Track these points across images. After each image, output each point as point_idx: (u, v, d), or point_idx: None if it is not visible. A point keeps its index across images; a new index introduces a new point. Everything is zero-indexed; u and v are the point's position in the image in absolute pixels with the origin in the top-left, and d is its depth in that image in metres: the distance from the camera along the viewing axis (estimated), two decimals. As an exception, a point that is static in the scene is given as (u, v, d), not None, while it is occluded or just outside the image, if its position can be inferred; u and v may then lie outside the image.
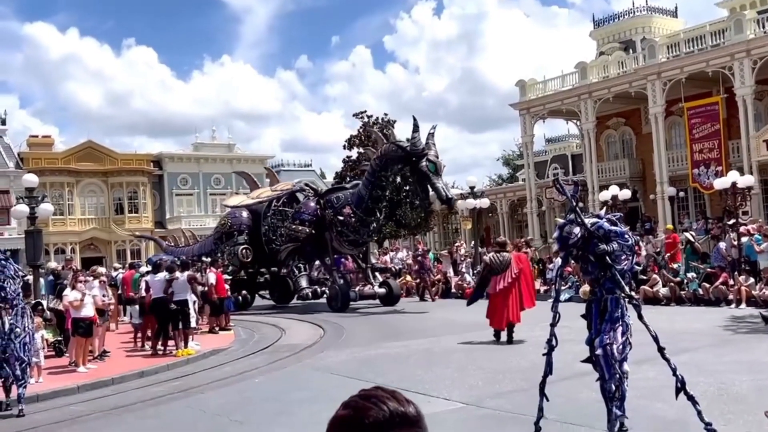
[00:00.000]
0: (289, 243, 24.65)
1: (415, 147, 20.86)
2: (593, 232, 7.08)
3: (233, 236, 26.11)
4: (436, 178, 20.61)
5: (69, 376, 12.83)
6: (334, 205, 23.65)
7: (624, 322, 7.16)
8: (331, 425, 1.36)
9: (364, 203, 22.58)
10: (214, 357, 14.86)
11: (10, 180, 46.34)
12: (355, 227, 22.93)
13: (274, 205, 25.64)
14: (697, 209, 34.55)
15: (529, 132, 39.73)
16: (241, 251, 25.35)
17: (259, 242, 25.61)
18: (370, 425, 1.31)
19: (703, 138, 31.98)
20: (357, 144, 44.37)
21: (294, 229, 24.37)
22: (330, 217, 23.46)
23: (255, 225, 26.14)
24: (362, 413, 1.33)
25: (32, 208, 19.27)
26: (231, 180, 59.01)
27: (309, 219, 24.21)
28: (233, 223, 26.59)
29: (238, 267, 25.67)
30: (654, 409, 7.97)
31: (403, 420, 1.33)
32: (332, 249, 24.06)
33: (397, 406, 1.34)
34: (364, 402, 1.35)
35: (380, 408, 1.33)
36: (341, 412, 1.37)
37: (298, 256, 24.99)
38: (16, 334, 10.36)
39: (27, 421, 9.86)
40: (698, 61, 31.28)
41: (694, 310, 17.89)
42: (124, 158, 54.12)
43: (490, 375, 10.83)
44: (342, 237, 23.31)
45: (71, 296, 13.44)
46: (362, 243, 24.08)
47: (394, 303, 23.51)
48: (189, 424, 9.03)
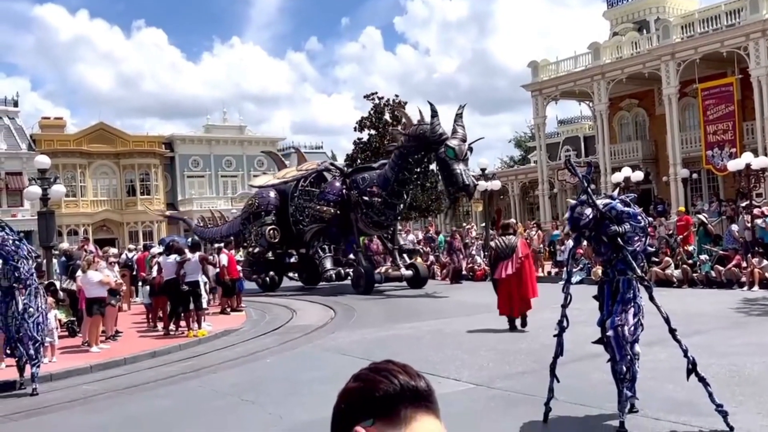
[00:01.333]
0: (314, 224, 24.23)
1: (433, 133, 20.37)
2: (605, 213, 7.04)
3: (260, 216, 25.69)
4: (456, 163, 19.88)
5: (82, 355, 12.94)
6: (360, 185, 23.21)
7: (636, 304, 7.13)
8: (340, 397, 1.35)
9: (389, 185, 22.08)
10: (225, 337, 14.95)
11: (22, 162, 46.57)
12: (380, 209, 22.50)
13: (302, 185, 25.13)
14: (711, 191, 34.33)
15: (541, 113, 39.50)
16: (269, 231, 25.04)
17: (286, 223, 25.22)
18: (380, 398, 1.29)
19: (717, 119, 31.72)
20: (368, 126, 44.16)
21: (319, 209, 23.98)
22: (355, 198, 23.07)
23: (283, 205, 25.66)
24: (372, 386, 1.31)
25: (45, 189, 19.36)
26: (242, 162, 59.12)
27: (334, 199, 23.82)
28: (260, 203, 26.10)
29: (265, 247, 25.38)
30: (665, 390, 7.95)
31: (414, 394, 1.31)
32: (357, 230, 23.67)
33: (408, 380, 1.32)
34: (375, 375, 1.33)
35: (391, 381, 1.31)
36: (351, 384, 1.35)
37: (324, 237, 24.46)
38: (29, 313, 10.45)
39: (40, 399, 9.95)
40: (713, 41, 30.96)
41: (707, 293, 17.82)
42: (135, 140, 54.29)
43: (500, 356, 10.83)
44: (367, 218, 22.89)
45: (95, 277, 13.51)
46: (387, 225, 23.60)
47: (421, 285, 23.05)
48: (201, 404, 9.10)
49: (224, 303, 19.20)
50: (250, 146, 59.88)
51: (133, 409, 9.16)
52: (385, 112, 43.17)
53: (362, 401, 1.30)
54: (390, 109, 43.18)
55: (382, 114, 42.88)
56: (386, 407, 1.29)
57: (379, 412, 1.28)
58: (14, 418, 9.05)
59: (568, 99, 41.86)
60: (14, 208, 46.27)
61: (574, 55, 38.46)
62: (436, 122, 20.51)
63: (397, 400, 1.29)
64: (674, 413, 7.07)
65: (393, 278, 23.75)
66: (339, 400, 1.35)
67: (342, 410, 1.33)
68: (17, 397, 10.18)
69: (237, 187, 58.10)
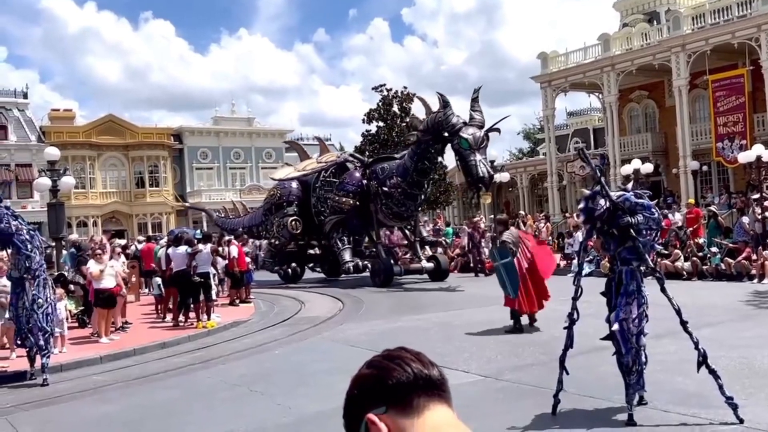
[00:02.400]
0: (334, 215, 23.74)
1: (447, 123, 19.76)
2: (618, 204, 7.00)
3: (283, 207, 25.24)
4: (471, 154, 19.10)
5: (92, 346, 13.00)
6: (379, 176, 22.64)
7: (640, 296, 7.10)
8: (353, 383, 1.34)
9: (409, 175, 21.46)
10: (234, 329, 14.99)
11: (32, 153, 46.78)
12: (399, 199, 21.93)
13: (323, 176, 24.62)
14: (721, 183, 34.16)
15: (550, 105, 39.36)
16: (291, 222, 24.60)
17: (309, 214, 24.73)
18: (393, 386, 1.29)
19: (728, 111, 31.53)
20: (376, 118, 44.15)
21: (338, 200, 23.52)
22: (374, 189, 22.55)
23: (305, 196, 25.12)
24: (385, 373, 1.30)
25: (54, 181, 19.43)
26: (251, 154, 59.19)
27: (353, 190, 23.32)
28: (282, 194, 25.61)
29: (287, 239, 25.00)
30: (674, 382, 7.93)
31: (427, 383, 1.30)
32: (377, 221, 23.12)
33: (422, 368, 1.31)
34: (388, 362, 1.32)
35: (404, 369, 1.30)
36: (364, 371, 1.34)
37: (344, 228, 23.90)
38: (38, 304, 10.49)
39: (51, 390, 10.02)
40: (724, 32, 30.74)
41: (716, 285, 17.74)
42: (144, 132, 54.41)
43: (509, 348, 10.83)
44: (387, 209, 22.33)
45: (92, 268, 13.57)
46: (408, 216, 23.01)
47: (443, 278, 22.50)
48: (210, 394, 9.13)
49: (233, 294, 19.25)
50: (259, 138, 59.95)
51: (142, 399, 9.20)
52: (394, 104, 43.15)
53: (375, 388, 1.30)
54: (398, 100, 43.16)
55: (391, 106, 42.87)
56: (399, 395, 1.28)
57: (392, 400, 1.28)
58: (25, 408, 9.11)
59: (578, 91, 41.69)
60: (24, 199, 46.47)
61: (584, 47, 38.28)
62: (449, 112, 19.92)
63: (410, 388, 1.28)
64: (683, 405, 7.06)
65: (413, 271, 23.20)
66: (352, 385, 1.34)
67: (354, 396, 1.33)
68: (28, 388, 10.25)
69: (246, 179, 58.20)
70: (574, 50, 38.96)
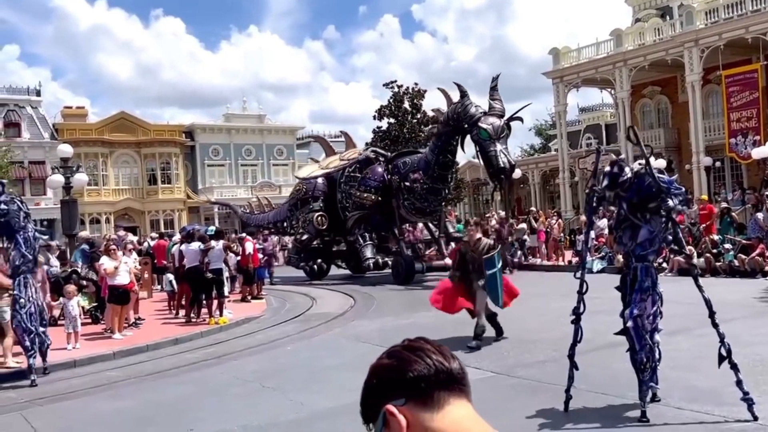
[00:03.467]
0: (356, 210, 23.45)
1: (465, 114, 19.33)
2: (662, 187, 6.89)
3: (308, 203, 25.03)
4: (491, 144, 18.64)
5: (105, 342, 13.09)
6: (401, 170, 22.27)
7: (655, 292, 7.07)
8: (372, 372, 1.33)
9: (430, 169, 21.00)
10: (246, 325, 15.05)
11: (45, 151, 47.07)
12: (422, 194, 21.48)
13: (348, 171, 24.27)
14: (734, 180, 33.94)
15: (562, 101, 39.19)
16: (316, 218, 24.29)
17: (335, 209, 24.44)
18: (414, 379, 1.27)
19: (741, 107, 31.29)
20: (387, 114, 44.07)
21: (359, 195, 23.23)
22: (396, 183, 22.22)
23: (331, 191, 24.79)
24: (406, 365, 1.29)
25: (67, 178, 19.56)
26: (262, 151, 59.31)
27: (375, 185, 23.00)
28: (308, 189, 25.36)
29: (312, 234, 24.60)
30: (688, 379, 7.90)
31: (447, 377, 1.29)
32: (399, 217, 22.75)
33: (443, 361, 1.30)
34: (409, 354, 1.31)
35: (425, 362, 1.29)
36: (385, 360, 1.33)
37: (366, 224, 23.53)
38: (20, 305, 10.28)
39: (65, 385, 10.09)
40: (737, 27, 30.50)
41: (730, 282, 17.63)
42: (156, 129, 54.61)
43: (521, 344, 10.81)
44: (409, 204, 21.91)
45: (106, 264, 13.64)
46: (431, 211, 22.47)
47: None
48: (223, 390, 9.17)
49: (245, 291, 19.32)
50: (270, 135, 60.05)
51: (155, 395, 9.25)
52: (405, 101, 43.06)
53: (395, 379, 1.29)
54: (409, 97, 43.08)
55: (402, 102, 42.78)
56: (419, 389, 1.27)
57: (412, 393, 1.27)
58: (39, 403, 9.17)
59: (590, 86, 41.48)
60: (37, 196, 46.78)
61: (596, 42, 38.08)
62: (468, 102, 19.50)
63: (430, 382, 1.27)
64: (697, 402, 7.02)
65: (437, 268, 22.53)
66: (371, 374, 1.33)
67: (373, 385, 1.32)
68: (43, 384, 10.29)
69: (257, 176, 58.33)
70: (585, 46, 38.76)
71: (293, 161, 60.89)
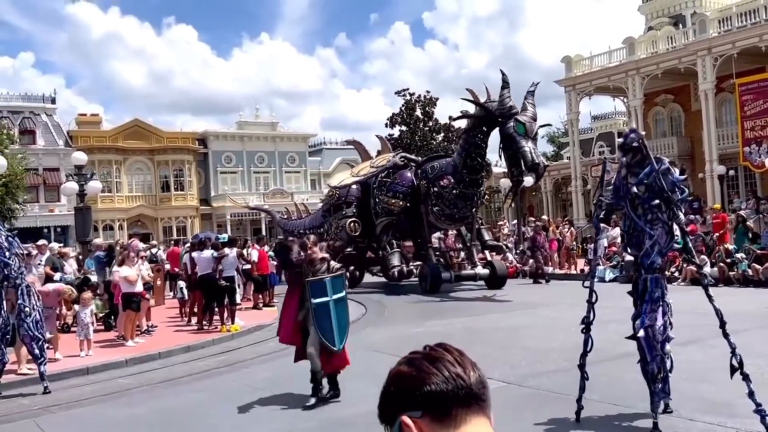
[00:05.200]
0: (384, 217, 22.68)
1: (502, 105, 18.51)
2: (678, 185, 6.96)
3: (341, 209, 24.34)
4: (525, 140, 17.84)
5: (117, 349, 13.15)
6: (429, 175, 21.52)
7: (664, 302, 7.06)
8: (391, 379, 1.31)
9: (458, 173, 20.20)
10: (258, 332, 15.07)
11: (59, 158, 47.45)
12: (450, 200, 20.67)
13: (380, 177, 23.31)
14: (748, 188, 33.73)
15: (574, 109, 39.15)
16: (349, 224, 23.44)
17: (368, 215, 23.54)
18: (431, 394, 1.25)
19: (755, 115, 31.13)
20: (398, 122, 44.24)
21: (387, 201, 22.49)
22: (424, 189, 21.47)
23: (364, 197, 23.93)
24: (425, 377, 1.26)
25: (81, 185, 19.72)
26: (274, 158, 59.55)
27: (403, 191, 22.24)
28: (341, 195, 24.69)
29: (345, 241, 23.49)
30: (700, 390, 7.86)
31: (467, 393, 1.26)
32: (428, 224, 21.85)
33: (462, 375, 1.27)
34: (429, 365, 1.28)
35: (443, 374, 1.26)
36: (404, 368, 1.30)
37: (395, 231, 22.78)
38: (26, 313, 10.18)
39: (77, 392, 10.14)
40: (751, 35, 30.40)
41: (743, 291, 17.53)
42: (169, 136, 54.94)
43: (532, 354, 10.78)
44: (438, 210, 21.09)
45: (125, 272, 13.69)
46: (460, 218, 21.54)
47: (500, 286, 20.86)
48: (235, 398, 9.19)
49: (257, 299, 19.36)
50: (282, 142, 60.30)
51: (168, 402, 9.29)
52: (417, 108, 43.16)
53: (412, 391, 1.26)
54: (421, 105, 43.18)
55: (413, 110, 42.92)
56: (437, 404, 1.25)
57: (430, 407, 1.25)
58: (52, 410, 9.23)
59: (602, 94, 41.43)
60: (52, 203, 47.15)
61: (609, 50, 38.04)
62: (506, 94, 18.68)
63: (448, 398, 1.25)
64: (710, 414, 6.99)
65: (466, 277, 21.75)
66: (389, 382, 1.31)
67: (391, 393, 1.30)
68: (55, 391, 10.35)
69: (269, 183, 58.54)
70: (598, 54, 38.73)
71: (305, 168, 61.08)
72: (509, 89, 18.68)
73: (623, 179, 7.22)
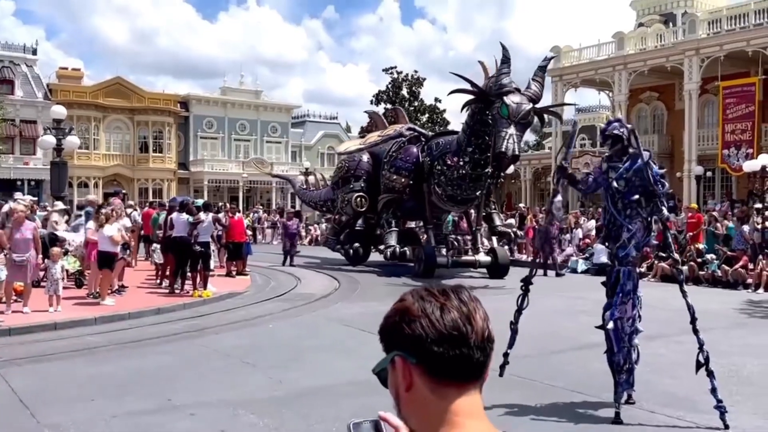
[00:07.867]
0: (386, 193, 21.33)
1: (495, 83, 16.98)
2: (660, 180, 7.04)
3: (349, 182, 22.81)
4: (506, 125, 16.28)
5: (87, 307, 13.07)
6: (433, 152, 20.11)
7: (636, 295, 7.17)
8: (397, 309, 1.27)
9: (462, 151, 18.72)
10: (229, 300, 15.07)
11: (38, 110, 46.66)
12: (453, 180, 19.19)
13: (390, 151, 21.84)
14: (723, 191, 34.17)
15: (560, 100, 39.20)
16: (355, 199, 22.14)
17: (378, 191, 21.96)
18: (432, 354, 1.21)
19: (737, 119, 31.48)
20: (384, 100, 44.07)
21: (389, 177, 21.19)
22: (427, 167, 20.12)
23: (375, 171, 22.31)
24: (431, 328, 1.22)
25: (59, 139, 19.43)
26: (256, 126, 59.08)
27: (407, 167, 20.81)
28: (350, 167, 23.10)
29: (350, 216, 22.63)
30: (663, 384, 8.00)
31: (466, 364, 1.24)
32: (430, 204, 20.39)
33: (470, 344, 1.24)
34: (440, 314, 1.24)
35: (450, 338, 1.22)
36: (414, 307, 1.25)
37: (396, 209, 21.46)
38: None
39: (45, 347, 10.09)
40: (739, 39, 30.64)
41: (712, 291, 17.78)
42: (151, 97, 54.23)
43: (498, 340, 10.85)
44: (440, 190, 19.63)
45: (110, 231, 13.54)
46: (464, 200, 19.92)
47: (502, 275, 19.37)
48: (202, 363, 9.20)
49: (229, 266, 19.30)
50: (265, 112, 59.82)
51: (135, 362, 9.27)
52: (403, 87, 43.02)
53: (414, 338, 1.23)
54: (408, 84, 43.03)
55: (400, 89, 42.77)
56: (435, 362, 1.22)
57: (426, 360, 1.22)
58: (18, 363, 9.17)
59: (588, 87, 41.59)
60: (27, 156, 46.46)
61: (598, 44, 38.15)
62: (504, 70, 16.95)
63: (448, 363, 1.22)
64: (670, 407, 7.12)
65: (465, 263, 20.53)
66: (394, 311, 1.28)
67: (394, 324, 1.26)
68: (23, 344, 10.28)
69: (249, 152, 58.13)
70: (587, 46, 38.83)
71: (287, 140, 60.72)
72: (509, 65, 17.05)
73: (603, 173, 7.28)
